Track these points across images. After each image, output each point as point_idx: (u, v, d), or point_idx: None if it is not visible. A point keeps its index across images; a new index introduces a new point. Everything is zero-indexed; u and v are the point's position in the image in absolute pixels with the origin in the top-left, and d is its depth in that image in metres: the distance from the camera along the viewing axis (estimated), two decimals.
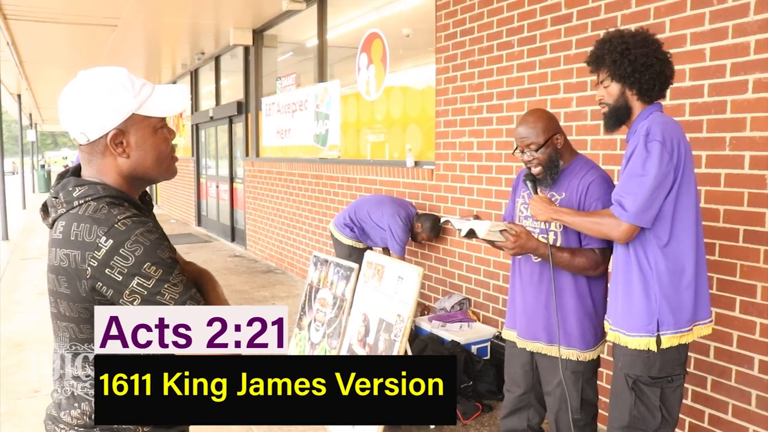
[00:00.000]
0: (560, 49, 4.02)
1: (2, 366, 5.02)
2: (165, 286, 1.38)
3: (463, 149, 4.94)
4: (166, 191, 18.13)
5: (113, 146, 1.46)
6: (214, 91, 12.49)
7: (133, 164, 1.49)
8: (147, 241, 1.37)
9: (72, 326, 1.47)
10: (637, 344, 2.34)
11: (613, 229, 2.32)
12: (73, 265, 1.39)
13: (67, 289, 1.42)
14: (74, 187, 1.45)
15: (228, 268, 9.10)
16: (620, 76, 2.36)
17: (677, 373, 2.38)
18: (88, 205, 1.41)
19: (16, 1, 7.88)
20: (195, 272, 1.67)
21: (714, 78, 3.12)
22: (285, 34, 9.26)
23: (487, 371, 4.25)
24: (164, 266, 1.38)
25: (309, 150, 7.85)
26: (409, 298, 3.42)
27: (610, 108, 2.42)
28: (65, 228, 1.41)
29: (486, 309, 4.82)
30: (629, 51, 2.34)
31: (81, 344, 1.50)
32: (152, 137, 1.50)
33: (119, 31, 9.59)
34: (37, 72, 14.76)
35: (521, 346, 2.79)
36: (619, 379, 2.43)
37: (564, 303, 2.66)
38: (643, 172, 2.24)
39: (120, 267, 1.35)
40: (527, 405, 2.86)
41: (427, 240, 5.22)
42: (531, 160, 2.65)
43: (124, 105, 1.44)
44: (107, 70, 1.48)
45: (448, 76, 5.08)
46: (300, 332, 4.46)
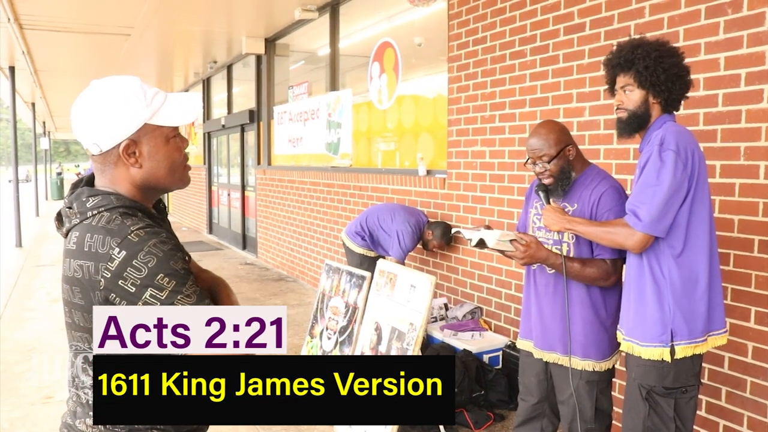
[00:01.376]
0: (573, 58, 4.02)
1: (16, 372, 5.05)
2: (178, 297, 1.38)
3: (476, 158, 4.95)
4: (177, 199, 18.21)
5: (126, 156, 1.44)
6: (226, 99, 12.56)
7: (146, 174, 1.48)
8: (160, 252, 1.36)
9: (86, 336, 1.47)
10: (651, 354, 2.32)
11: (627, 238, 2.30)
12: (86, 276, 1.39)
13: (81, 300, 1.42)
14: (87, 198, 1.44)
15: (239, 276, 9.12)
16: (651, 84, 2.32)
17: (691, 384, 2.35)
18: (101, 216, 1.41)
19: (32, 11, 7.97)
20: (210, 280, 1.67)
21: (728, 87, 3.11)
22: (297, 43, 9.31)
23: (499, 380, 4.23)
24: (177, 277, 1.38)
25: (321, 158, 7.88)
26: (421, 306, 3.42)
27: (630, 114, 2.38)
28: (79, 239, 1.41)
29: (498, 318, 4.80)
30: (662, 59, 2.31)
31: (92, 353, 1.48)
32: (165, 147, 1.48)
33: (133, 40, 9.67)
34: (51, 80, 14.91)
35: (538, 356, 2.79)
36: (632, 390, 2.41)
37: (578, 314, 2.65)
38: (658, 182, 2.23)
39: (133, 278, 1.35)
40: (541, 414, 2.85)
41: (438, 248, 5.22)
42: (543, 171, 2.65)
43: (136, 115, 1.43)
44: (120, 80, 1.48)
45: (461, 85, 5.09)
46: (312, 340, 4.46)
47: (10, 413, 4.28)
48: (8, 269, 9.74)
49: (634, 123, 2.39)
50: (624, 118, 2.40)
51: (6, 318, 6.80)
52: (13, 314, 6.87)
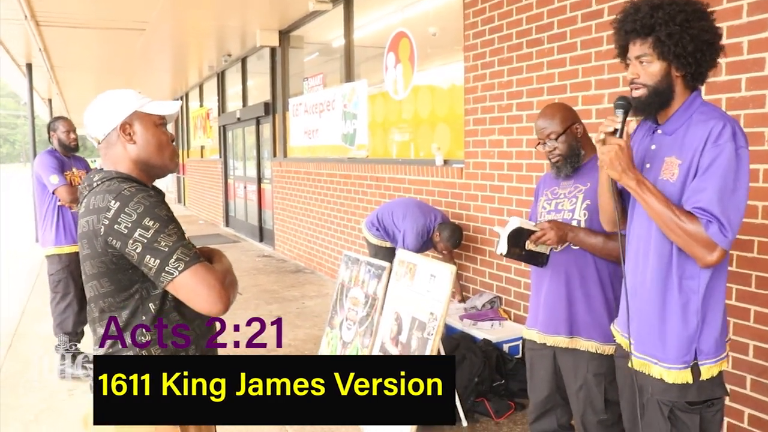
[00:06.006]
0: (591, 45, 3.99)
1: (39, 365, 5.12)
2: (161, 236, 1.66)
3: (493, 147, 4.93)
4: (194, 192, 18.32)
5: (122, 134, 1.83)
6: (240, 92, 12.59)
7: (139, 150, 1.84)
8: (147, 202, 1.70)
9: (95, 283, 1.76)
10: (675, 378, 1.98)
11: (704, 252, 1.87)
12: (91, 228, 1.71)
13: (88, 249, 1.74)
14: (95, 175, 1.83)
15: (257, 268, 9.17)
16: (675, 55, 1.92)
17: (717, 397, 2.03)
18: (103, 184, 1.77)
19: (49, 8, 8.02)
20: (206, 251, 1.90)
21: (752, 72, 3.07)
22: (311, 35, 9.30)
23: (519, 369, 4.22)
24: (161, 221, 1.68)
25: (337, 150, 7.88)
26: (442, 296, 3.42)
27: (651, 89, 1.97)
28: (86, 202, 1.76)
29: (517, 307, 4.79)
30: (690, 24, 1.89)
31: (103, 300, 1.77)
32: (153, 128, 1.87)
33: (147, 34, 9.71)
34: (67, 76, 15.00)
35: (542, 341, 2.76)
36: (651, 407, 2.07)
37: (586, 293, 2.64)
38: (738, 186, 1.86)
39: (126, 222, 1.66)
40: (554, 406, 2.83)
41: (446, 250, 5.09)
42: (552, 149, 2.66)
43: (128, 104, 1.85)
44: (117, 90, 1.90)
45: (477, 74, 5.06)
46: (332, 331, 4.47)
47: (36, 407, 4.34)
48: (28, 264, 9.85)
49: (655, 102, 1.99)
50: (643, 96, 1.98)
51: (29, 312, 6.88)
52: (35, 308, 6.95)
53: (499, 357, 4.21)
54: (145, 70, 13.91)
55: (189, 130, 18.49)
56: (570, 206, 2.68)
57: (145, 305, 1.76)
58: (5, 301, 7.50)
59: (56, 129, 4.98)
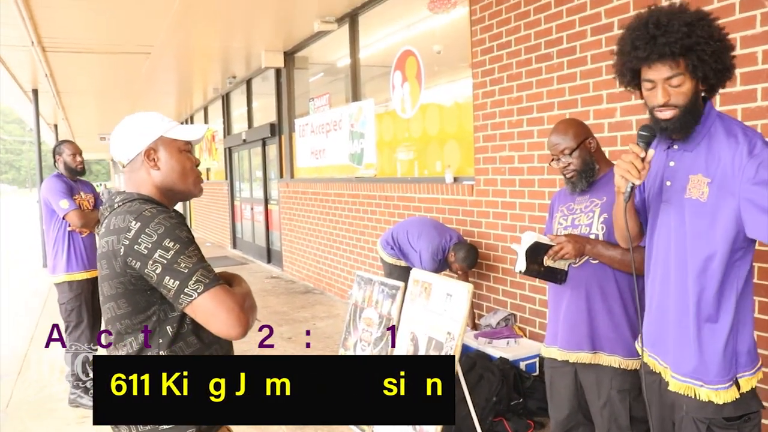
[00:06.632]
0: (601, 59, 3.97)
1: (50, 392, 5.07)
2: (181, 257, 1.65)
3: (504, 164, 4.90)
4: (200, 215, 18.32)
5: (147, 160, 1.83)
6: (245, 114, 12.62)
7: (163, 176, 1.84)
8: (168, 223, 1.69)
9: (112, 305, 1.75)
10: (725, 398, 1.91)
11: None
12: (111, 248, 1.70)
13: (107, 270, 1.72)
14: (116, 196, 1.83)
15: (266, 290, 9.12)
16: (704, 73, 1.85)
17: (754, 411, 1.97)
18: (124, 205, 1.77)
19: (54, 33, 8.07)
20: (227, 276, 1.88)
21: (767, 82, 3.04)
22: (316, 55, 9.33)
23: (537, 387, 4.16)
24: (181, 242, 1.67)
25: (344, 169, 7.87)
26: (459, 315, 3.37)
27: (683, 110, 1.88)
28: (107, 223, 1.75)
29: (532, 324, 4.74)
30: (713, 40, 1.83)
31: (120, 321, 1.75)
32: (178, 155, 1.87)
33: (153, 58, 9.75)
34: (73, 101, 15.07)
35: (563, 359, 2.71)
36: (687, 426, 1.99)
37: (607, 307, 2.60)
38: None
39: (146, 243, 1.65)
40: (576, 425, 2.78)
41: (461, 270, 5.00)
42: (566, 165, 2.64)
43: (154, 129, 1.84)
44: (143, 113, 1.89)
45: (486, 90, 5.05)
46: (346, 352, 4.42)
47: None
48: (36, 290, 9.82)
49: (690, 121, 1.90)
50: (676, 117, 1.88)
51: (38, 338, 6.84)
52: (44, 333, 6.90)
53: (516, 375, 4.15)
54: (150, 94, 13.96)
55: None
56: (587, 221, 2.65)
57: (163, 328, 1.73)
58: (14, 326, 7.46)
59: (62, 152, 4.92)
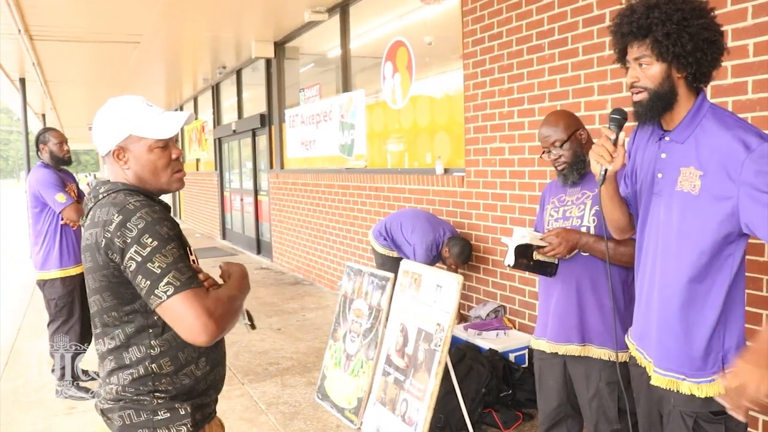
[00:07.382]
0: (593, 50, 3.96)
1: (38, 383, 5.03)
2: (156, 255, 1.60)
3: (495, 155, 4.89)
4: (190, 206, 18.24)
5: (116, 159, 1.79)
6: (236, 104, 12.55)
7: (134, 174, 1.79)
8: (149, 218, 1.64)
9: (97, 297, 1.71)
10: (706, 392, 1.90)
11: None
12: (94, 240, 1.67)
13: (91, 262, 1.69)
14: (101, 187, 1.79)
15: (255, 281, 9.09)
16: (674, 55, 1.83)
17: None
18: (109, 196, 1.73)
19: (42, 22, 7.97)
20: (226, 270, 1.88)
21: (758, 74, 3.04)
22: (307, 46, 9.28)
23: (526, 379, 4.17)
24: (160, 239, 1.62)
25: (335, 160, 7.84)
26: (449, 306, 3.36)
27: (652, 93, 1.88)
28: (92, 214, 1.72)
29: (522, 316, 4.74)
30: (687, 22, 1.81)
31: (107, 314, 1.71)
32: (147, 154, 1.78)
33: (141, 47, 9.67)
34: (61, 91, 14.94)
35: (552, 351, 2.72)
36: (674, 419, 1.98)
37: (597, 300, 2.60)
38: None
39: (125, 236, 1.61)
40: (564, 417, 2.78)
41: (455, 265, 5.01)
42: (558, 157, 2.64)
43: (124, 127, 1.77)
44: (124, 100, 1.81)
45: (477, 81, 5.03)
46: (335, 343, 4.41)
47: (34, 425, 4.26)
48: (23, 281, 9.75)
49: (657, 106, 1.89)
50: (644, 100, 1.90)
51: (25, 329, 6.80)
52: (31, 324, 6.86)
53: (505, 367, 4.15)
54: (139, 84, 13.85)
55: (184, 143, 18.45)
56: (578, 213, 2.65)
57: (151, 319, 1.70)
58: (1, 318, 7.40)
59: (47, 141, 4.63)
